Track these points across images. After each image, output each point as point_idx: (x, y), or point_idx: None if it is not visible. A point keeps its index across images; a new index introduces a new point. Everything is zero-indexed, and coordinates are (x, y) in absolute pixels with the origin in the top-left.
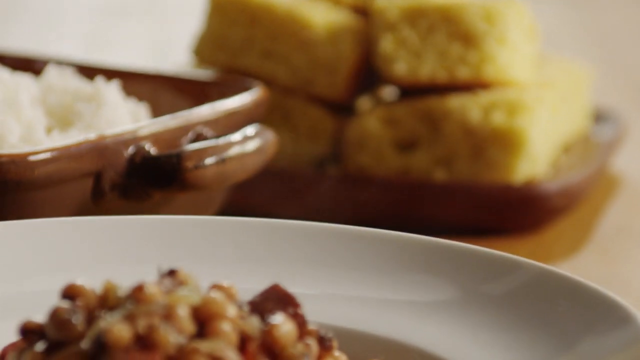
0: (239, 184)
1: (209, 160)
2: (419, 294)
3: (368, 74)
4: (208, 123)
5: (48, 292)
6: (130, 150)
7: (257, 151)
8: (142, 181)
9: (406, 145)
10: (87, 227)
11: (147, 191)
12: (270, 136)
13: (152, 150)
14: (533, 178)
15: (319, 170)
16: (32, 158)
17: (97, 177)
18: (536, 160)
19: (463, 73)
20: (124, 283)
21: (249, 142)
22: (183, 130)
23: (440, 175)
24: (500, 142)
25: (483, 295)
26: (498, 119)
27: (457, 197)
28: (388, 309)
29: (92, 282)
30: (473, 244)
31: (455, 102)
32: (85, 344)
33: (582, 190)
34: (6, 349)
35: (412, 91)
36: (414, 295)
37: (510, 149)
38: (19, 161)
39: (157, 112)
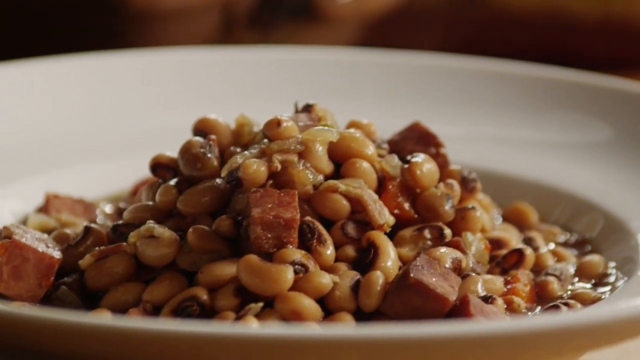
0: (374, 19)
1: None
2: (569, 135)
3: None
4: None
5: (179, 127)
6: None
7: None
8: (273, 13)
9: None
10: (218, 58)
11: (278, 23)
12: None
13: None
14: None
15: (461, 6)
16: None
17: (226, 8)
18: None
19: None
20: (258, 118)
21: None
22: None
23: (592, 9)
24: None
25: (639, 135)
26: None
27: (611, 31)
28: (536, 151)
29: (225, 116)
30: (628, 81)
31: None
32: (219, 180)
33: None
34: (139, 185)
35: None
36: (564, 135)
37: None
38: None
39: None
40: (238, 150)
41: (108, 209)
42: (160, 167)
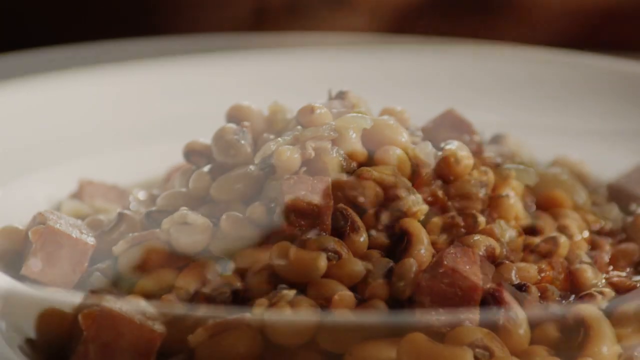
0: (407, 7)
1: None
2: (605, 122)
3: None
4: None
5: (213, 113)
6: None
7: None
8: None
9: None
10: (251, 43)
11: (312, 9)
12: None
13: None
14: None
15: None
16: None
17: None
18: None
19: None
20: (292, 105)
21: None
22: None
23: None
24: None
25: None
26: None
27: None
28: (570, 138)
29: (258, 103)
30: None
31: None
32: (252, 167)
33: None
34: (172, 172)
35: None
36: (599, 123)
37: None
38: None
39: None
40: (271, 137)
41: (141, 195)
42: (193, 153)
